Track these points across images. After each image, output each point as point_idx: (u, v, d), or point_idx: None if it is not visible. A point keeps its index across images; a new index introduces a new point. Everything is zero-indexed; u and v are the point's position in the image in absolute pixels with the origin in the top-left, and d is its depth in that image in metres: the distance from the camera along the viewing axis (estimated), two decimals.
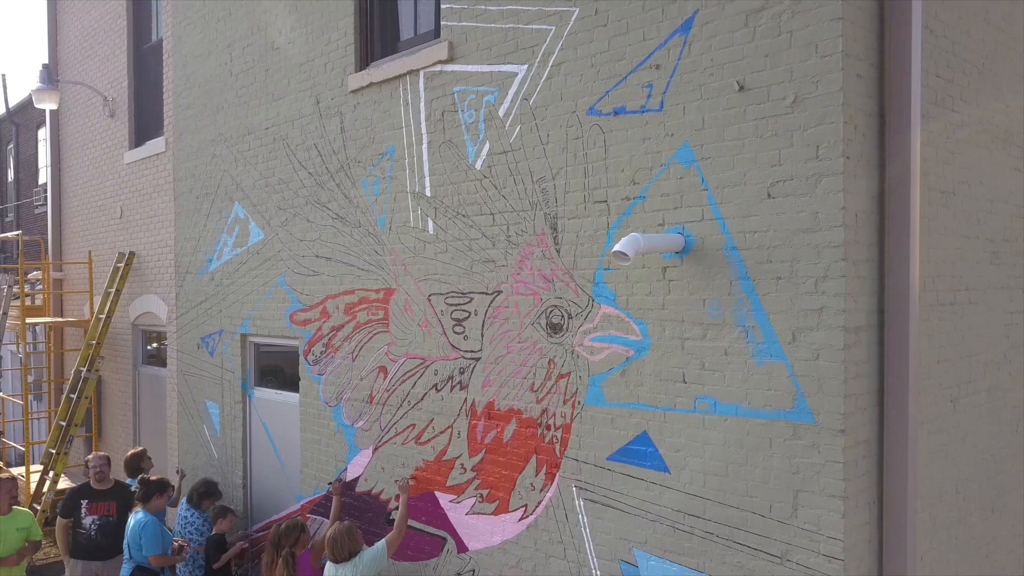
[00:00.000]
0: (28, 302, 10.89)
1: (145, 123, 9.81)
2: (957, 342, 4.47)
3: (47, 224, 11.97)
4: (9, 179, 26.73)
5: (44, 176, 23.42)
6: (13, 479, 6.94)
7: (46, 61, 11.58)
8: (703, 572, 4.12)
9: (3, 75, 25.16)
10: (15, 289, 9.95)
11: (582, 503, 4.70)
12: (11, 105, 25.67)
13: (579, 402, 4.69)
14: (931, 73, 4.20)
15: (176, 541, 6.92)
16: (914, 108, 3.70)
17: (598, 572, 4.63)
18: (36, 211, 24.15)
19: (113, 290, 9.59)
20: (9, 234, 12.48)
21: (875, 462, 3.79)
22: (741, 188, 3.90)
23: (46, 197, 22.12)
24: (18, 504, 6.96)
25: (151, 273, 9.40)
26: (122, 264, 9.67)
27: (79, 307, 11.33)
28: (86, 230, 11.08)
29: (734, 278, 3.93)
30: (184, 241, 8.68)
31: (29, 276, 10.84)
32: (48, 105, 10.02)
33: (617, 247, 3.86)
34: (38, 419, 10.73)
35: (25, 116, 25.44)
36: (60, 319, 10.83)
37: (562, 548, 4.83)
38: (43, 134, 23.76)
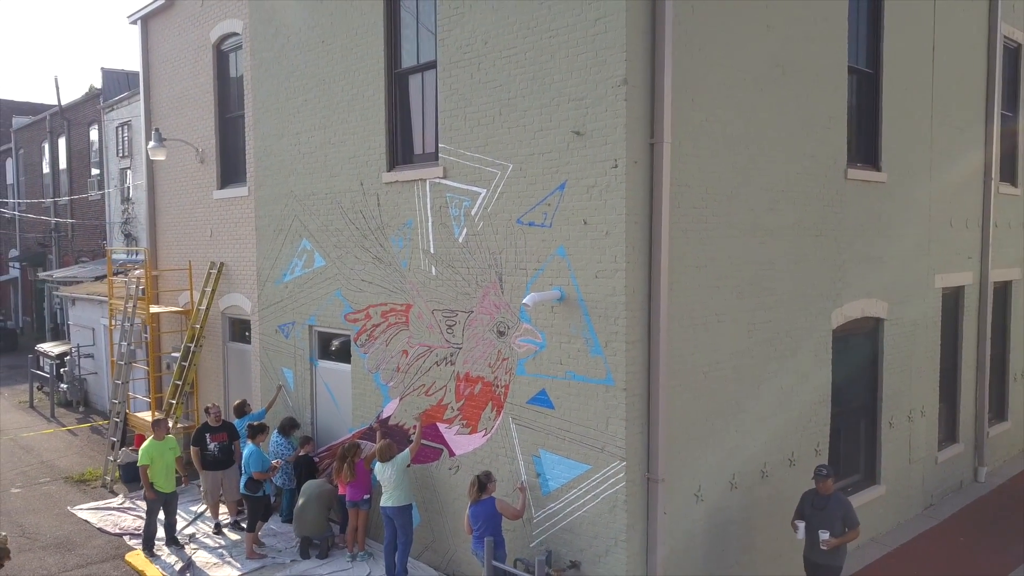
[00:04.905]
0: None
1: (229, 170, 13.81)
2: (708, 343, 8.57)
3: (146, 238, 15.99)
4: (61, 167, 30.51)
5: (96, 169, 27.26)
6: (166, 419, 11.20)
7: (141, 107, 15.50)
8: (570, 458, 8.29)
9: (55, 77, 28.82)
10: (142, 288, 14.04)
11: (514, 427, 8.86)
12: (63, 103, 29.39)
13: (513, 373, 8.82)
14: (690, 206, 8.24)
15: (273, 463, 11.16)
16: (664, 237, 7.74)
17: (522, 462, 8.81)
18: (90, 199, 27.98)
19: (209, 289, 13.68)
20: (135, 248, 16.46)
21: (645, 404, 7.93)
22: (585, 271, 7.97)
23: (104, 193, 25.94)
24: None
25: (237, 278, 13.48)
26: (214, 271, 13.73)
27: (172, 299, 15.43)
28: (179, 243, 15.11)
29: (581, 314, 8.02)
30: (263, 260, 12.74)
31: (136, 274, 14.89)
32: (159, 157, 13.99)
33: (524, 300, 7.95)
34: (144, 380, 14.93)
35: (76, 114, 29.12)
36: (171, 308, 14.91)
37: (504, 451, 9.01)
38: (94, 131, 27.50)
